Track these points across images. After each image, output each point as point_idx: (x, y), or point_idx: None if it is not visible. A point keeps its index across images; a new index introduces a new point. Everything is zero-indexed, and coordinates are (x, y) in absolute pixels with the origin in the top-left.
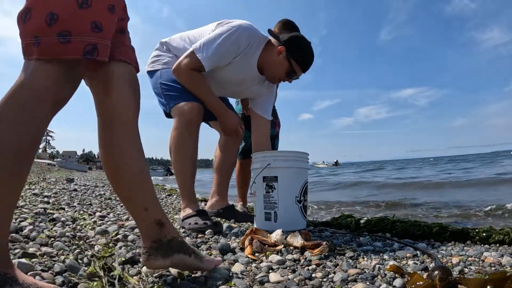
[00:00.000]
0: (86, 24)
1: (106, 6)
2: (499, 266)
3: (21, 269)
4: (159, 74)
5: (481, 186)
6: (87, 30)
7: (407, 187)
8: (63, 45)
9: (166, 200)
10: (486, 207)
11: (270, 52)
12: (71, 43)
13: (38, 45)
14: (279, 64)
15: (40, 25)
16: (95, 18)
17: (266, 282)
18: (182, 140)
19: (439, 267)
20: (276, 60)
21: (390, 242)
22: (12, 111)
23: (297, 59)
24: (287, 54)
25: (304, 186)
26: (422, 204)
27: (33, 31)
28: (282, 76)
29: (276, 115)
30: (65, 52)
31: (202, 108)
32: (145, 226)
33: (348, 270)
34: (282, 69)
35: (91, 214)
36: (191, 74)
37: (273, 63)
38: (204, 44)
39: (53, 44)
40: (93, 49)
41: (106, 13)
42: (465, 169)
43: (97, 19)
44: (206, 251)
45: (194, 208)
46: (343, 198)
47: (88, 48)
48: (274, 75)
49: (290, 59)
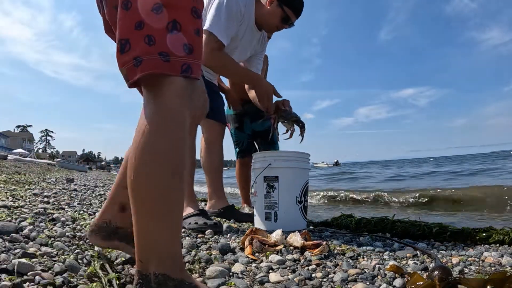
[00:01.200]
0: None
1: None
2: (499, 266)
3: (21, 269)
4: None
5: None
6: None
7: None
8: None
9: None
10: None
11: (261, 5)
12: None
13: (140, 64)
14: (273, 13)
15: (142, 47)
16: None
17: (266, 282)
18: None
19: (439, 267)
20: (269, 10)
21: (390, 242)
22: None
23: (288, 4)
24: (278, 2)
25: (304, 187)
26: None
27: (136, 55)
28: (279, 24)
29: None
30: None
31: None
32: (110, 204)
33: (348, 270)
34: (276, 17)
35: (91, 214)
36: (218, 56)
37: (267, 14)
38: (214, 22)
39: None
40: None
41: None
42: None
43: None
44: (206, 251)
45: (194, 208)
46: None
47: (184, 67)
48: (271, 24)
49: (282, 6)
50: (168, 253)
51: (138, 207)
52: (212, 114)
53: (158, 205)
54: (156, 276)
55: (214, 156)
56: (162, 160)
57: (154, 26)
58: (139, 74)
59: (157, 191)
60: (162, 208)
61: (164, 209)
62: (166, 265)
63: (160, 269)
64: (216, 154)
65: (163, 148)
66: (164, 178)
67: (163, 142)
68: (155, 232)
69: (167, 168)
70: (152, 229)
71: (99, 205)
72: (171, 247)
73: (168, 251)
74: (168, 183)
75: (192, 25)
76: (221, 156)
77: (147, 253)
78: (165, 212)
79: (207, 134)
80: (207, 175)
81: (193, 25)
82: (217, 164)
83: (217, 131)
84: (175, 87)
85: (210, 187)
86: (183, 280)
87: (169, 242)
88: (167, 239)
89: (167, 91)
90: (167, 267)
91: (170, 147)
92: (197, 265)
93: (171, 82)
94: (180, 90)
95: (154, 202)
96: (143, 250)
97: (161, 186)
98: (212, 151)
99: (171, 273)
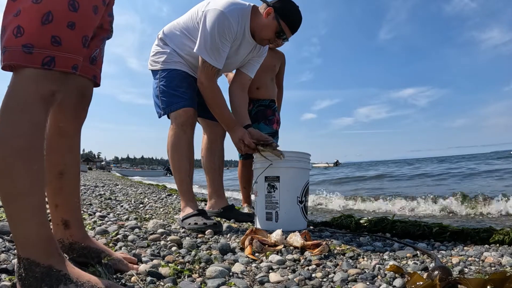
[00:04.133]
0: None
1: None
2: (499, 266)
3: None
4: (158, 77)
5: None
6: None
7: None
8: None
9: (166, 200)
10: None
11: (258, 16)
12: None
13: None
14: (268, 25)
15: (9, 38)
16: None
17: (266, 282)
18: (177, 139)
19: (439, 267)
20: (265, 22)
21: (390, 242)
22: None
23: (285, 19)
24: (275, 14)
25: (305, 187)
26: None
27: (4, 44)
28: (271, 37)
29: (274, 111)
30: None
31: (196, 112)
32: (54, 226)
33: (348, 270)
34: (271, 30)
35: (91, 214)
36: (213, 91)
37: (262, 25)
38: (206, 47)
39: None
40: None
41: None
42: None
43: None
44: (206, 251)
45: (193, 208)
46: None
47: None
48: (263, 36)
49: (278, 19)
50: (29, 237)
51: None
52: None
53: (8, 188)
54: (22, 260)
55: (215, 156)
56: (3, 145)
57: (27, 17)
58: (2, 63)
59: (2, 174)
60: (12, 190)
61: (14, 191)
62: (29, 249)
63: (24, 253)
64: (217, 154)
65: (2, 134)
66: (6, 161)
67: (4, 128)
68: (14, 215)
69: (6, 151)
70: (10, 213)
71: (99, 205)
72: (33, 230)
73: (28, 235)
74: (10, 166)
75: (66, 18)
76: (222, 156)
77: (14, 236)
78: (15, 194)
79: (208, 134)
80: (207, 175)
81: (67, 18)
82: (217, 164)
83: (218, 132)
84: (27, 78)
85: (210, 187)
86: (51, 266)
87: (29, 225)
88: (27, 222)
89: (19, 80)
90: (30, 252)
91: (8, 132)
92: (197, 265)
93: (25, 73)
94: (32, 81)
95: (4, 185)
96: (12, 234)
97: (5, 170)
98: (213, 151)
99: (36, 258)
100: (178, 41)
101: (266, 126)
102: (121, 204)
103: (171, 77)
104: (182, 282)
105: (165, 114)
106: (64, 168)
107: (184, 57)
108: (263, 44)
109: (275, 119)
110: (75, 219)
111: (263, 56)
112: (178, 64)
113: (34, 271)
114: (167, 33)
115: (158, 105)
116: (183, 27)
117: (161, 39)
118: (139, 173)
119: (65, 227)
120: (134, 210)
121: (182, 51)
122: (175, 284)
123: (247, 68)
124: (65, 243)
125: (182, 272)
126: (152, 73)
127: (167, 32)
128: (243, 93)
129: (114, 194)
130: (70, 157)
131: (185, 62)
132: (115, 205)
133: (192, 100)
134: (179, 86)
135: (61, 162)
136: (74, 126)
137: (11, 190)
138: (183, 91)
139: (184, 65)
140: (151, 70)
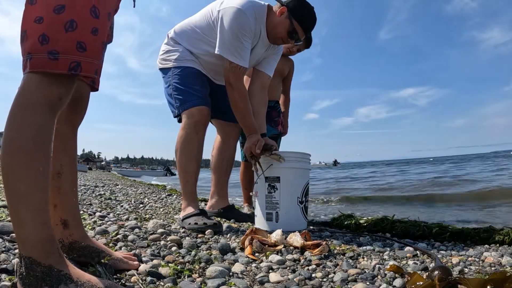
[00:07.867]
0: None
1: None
2: (499, 266)
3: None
4: (171, 74)
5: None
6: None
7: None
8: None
9: (166, 200)
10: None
11: (272, 13)
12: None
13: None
14: (281, 24)
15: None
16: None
17: (266, 282)
18: (189, 139)
19: (439, 267)
20: (278, 21)
21: (390, 242)
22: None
23: (297, 18)
24: (289, 13)
25: (305, 187)
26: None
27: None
28: (284, 36)
29: (279, 113)
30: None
31: (210, 111)
32: (53, 226)
33: (348, 270)
34: (284, 28)
35: (91, 214)
36: (241, 94)
37: (275, 24)
38: (229, 47)
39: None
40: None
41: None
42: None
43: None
44: (206, 251)
45: (194, 208)
46: None
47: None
48: (276, 35)
49: (291, 19)
50: (31, 236)
51: (4, 189)
52: (227, 116)
53: (12, 188)
54: (23, 259)
55: (224, 156)
56: (7, 146)
57: (51, 25)
58: (28, 70)
59: (7, 174)
60: (16, 190)
61: (18, 191)
62: (31, 248)
63: (26, 252)
64: (227, 155)
65: (9, 135)
66: (12, 161)
67: (10, 130)
68: (17, 214)
69: (12, 152)
70: (14, 212)
71: (99, 205)
72: (35, 230)
73: (31, 234)
74: (15, 166)
75: (90, 24)
76: (232, 158)
77: (17, 235)
78: (19, 194)
79: (221, 134)
80: (213, 174)
81: (91, 24)
82: (225, 165)
83: (231, 132)
84: (36, 82)
85: (214, 186)
86: (51, 266)
87: (31, 224)
88: (29, 222)
89: (29, 84)
90: (32, 251)
91: (14, 133)
92: (197, 265)
93: (35, 76)
94: (42, 85)
95: (10, 184)
96: (15, 232)
97: (10, 170)
98: (223, 151)
99: (38, 258)
100: (192, 40)
101: (271, 128)
102: (121, 204)
103: (184, 74)
104: (182, 282)
105: (180, 113)
106: (61, 168)
107: (197, 55)
108: (277, 44)
109: (280, 121)
110: (74, 219)
111: (279, 54)
112: (191, 62)
113: (35, 270)
114: (179, 32)
115: (172, 104)
116: (196, 26)
117: (172, 38)
118: (139, 173)
119: (64, 227)
120: (134, 210)
121: (196, 49)
122: (175, 284)
123: (265, 66)
124: (65, 243)
125: (182, 272)
126: (162, 72)
127: (179, 31)
128: (263, 94)
129: (114, 194)
130: (66, 158)
131: (198, 61)
132: (115, 205)
133: (206, 99)
134: (193, 83)
135: (58, 162)
136: (70, 129)
137: (16, 190)
138: (197, 88)
139: (197, 63)
140: (161, 69)
